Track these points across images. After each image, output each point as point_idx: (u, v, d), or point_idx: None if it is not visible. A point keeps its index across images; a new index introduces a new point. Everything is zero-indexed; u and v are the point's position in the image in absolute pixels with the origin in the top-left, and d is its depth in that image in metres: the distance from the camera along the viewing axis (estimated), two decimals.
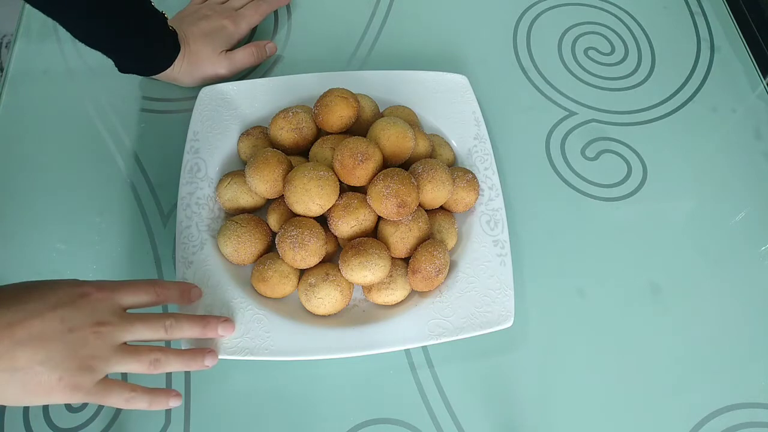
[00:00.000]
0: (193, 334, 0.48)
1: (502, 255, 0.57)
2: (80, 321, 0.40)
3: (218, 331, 0.50)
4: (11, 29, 0.74)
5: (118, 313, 0.43)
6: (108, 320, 0.42)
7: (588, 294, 0.60)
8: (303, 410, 0.53)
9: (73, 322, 0.40)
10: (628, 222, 0.63)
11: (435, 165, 0.57)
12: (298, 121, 0.59)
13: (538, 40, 0.75)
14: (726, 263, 0.62)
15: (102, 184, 0.63)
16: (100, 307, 0.42)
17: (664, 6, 0.78)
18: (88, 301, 0.41)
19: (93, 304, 0.41)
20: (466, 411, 0.54)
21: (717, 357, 0.57)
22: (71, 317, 0.40)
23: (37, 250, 0.59)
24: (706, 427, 0.54)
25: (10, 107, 0.67)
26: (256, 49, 0.69)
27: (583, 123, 0.69)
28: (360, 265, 0.52)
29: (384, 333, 0.53)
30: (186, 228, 0.57)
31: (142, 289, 0.45)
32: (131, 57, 0.62)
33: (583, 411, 0.55)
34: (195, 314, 0.51)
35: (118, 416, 0.53)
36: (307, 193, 0.53)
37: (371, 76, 0.66)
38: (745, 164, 0.68)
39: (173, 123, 0.66)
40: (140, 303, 0.46)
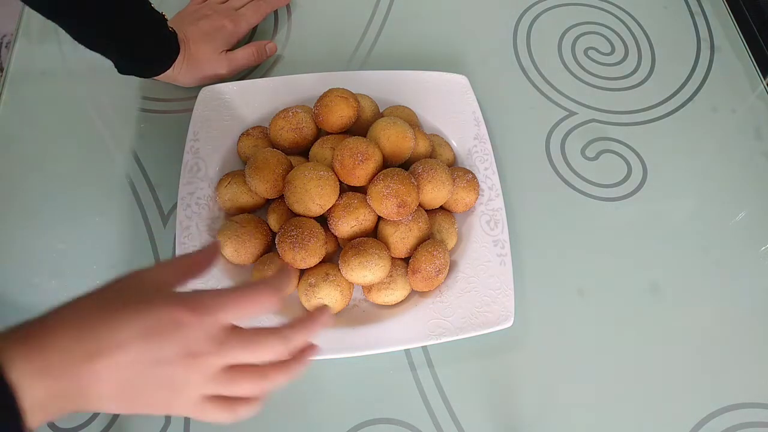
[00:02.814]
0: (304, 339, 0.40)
1: (502, 255, 0.57)
2: (170, 353, 0.34)
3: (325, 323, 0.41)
4: (11, 29, 0.74)
5: (216, 339, 0.36)
6: (202, 350, 0.35)
7: (588, 294, 0.60)
8: (303, 410, 0.53)
9: (161, 354, 0.34)
10: (628, 222, 0.63)
11: (435, 165, 0.57)
12: (298, 121, 0.59)
13: (538, 40, 0.75)
14: (726, 263, 0.62)
15: (102, 184, 0.63)
16: (194, 335, 0.35)
17: (664, 6, 0.78)
18: (180, 330, 0.35)
19: (186, 333, 0.35)
20: (466, 411, 0.54)
21: (717, 357, 0.57)
22: (160, 349, 0.34)
23: (37, 250, 0.59)
24: (706, 427, 0.54)
25: (10, 107, 0.67)
26: (256, 49, 0.69)
27: (583, 123, 0.69)
28: (360, 265, 0.52)
29: (384, 333, 0.53)
30: (186, 228, 0.57)
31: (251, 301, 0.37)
32: (131, 58, 0.62)
33: (582, 411, 0.55)
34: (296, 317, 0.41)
35: (118, 416, 0.53)
36: (307, 193, 0.53)
37: (371, 76, 0.66)
38: (745, 164, 0.68)
39: (173, 123, 0.66)
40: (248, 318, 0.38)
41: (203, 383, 0.36)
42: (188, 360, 0.35)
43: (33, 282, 0.58)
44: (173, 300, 0.35)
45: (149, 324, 0.34)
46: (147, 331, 0.34)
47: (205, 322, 0.35)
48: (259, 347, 0.37)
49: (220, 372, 0.36)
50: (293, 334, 0.38)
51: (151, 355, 0.34)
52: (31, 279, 0.58)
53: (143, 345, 0.34)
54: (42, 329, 0.34)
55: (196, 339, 0.35)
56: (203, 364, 0.36)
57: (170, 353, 0.34)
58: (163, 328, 0.34)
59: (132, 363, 0.34)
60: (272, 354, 0.38)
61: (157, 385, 0.35)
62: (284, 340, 0.38)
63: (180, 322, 0.35)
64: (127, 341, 0.34)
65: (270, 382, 0.38)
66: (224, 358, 0.36)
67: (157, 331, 0.34)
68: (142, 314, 0.34)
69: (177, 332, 0.34)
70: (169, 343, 0.34)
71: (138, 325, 0.34)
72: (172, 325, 0.34)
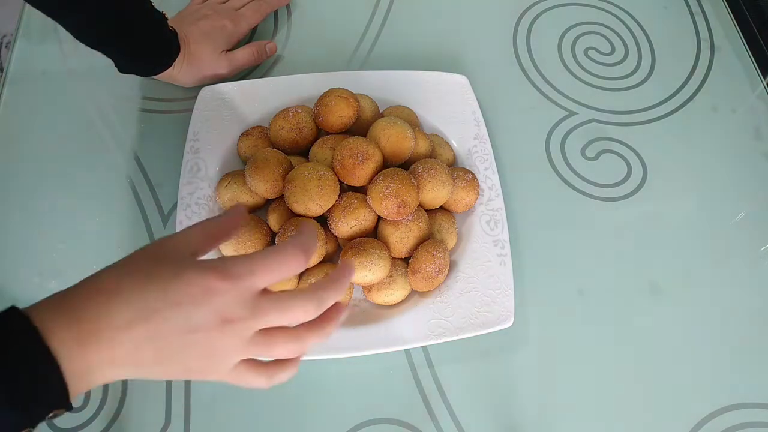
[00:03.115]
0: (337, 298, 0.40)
1: (502, 255, 0.57)
2: (203, 319, 0.35)
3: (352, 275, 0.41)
4: (11, 29, 0.74)
5: (249, 304, 0.36)
6: (236, 315, 0.36)
7: (588, 294, 0.60)
8: (303, 410, 0.53)
9: (196, 321, 0.35)
10: (628, 222, 0.63)
11: (435, 165, 0.57)
12: (298, 121, 0.59)
13: (538, 40, 0.75)
14: (726, 263, 0.62)
15: (102, 184, 0.63)
16: (227, 300, 0.35)
17: (664, 6, 0.78)
18: (212, 297, 0.35)
19: (219, 299, 0.35)
20: (466, 411, 0.54)
21: (717, 357, 0.57)
22: (193, 316, 0.35)
23: (37, 250, 0.59)
24: (706, 427, 0.54)
25: (10, 107, 0.67)
26: (257, 49, 0.69)
27: (583, 123, 0.69)
28: (360, 265, 0.52)
29: (384, 333, 0.53)
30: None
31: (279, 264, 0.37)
32: (131, 57, 0.62)
33: (583, 411, 0.55)
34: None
35: (118, 416, 0.53)
36: (307, 193, 0.53)
37: (371, 76, 0.66)
38: (745, 164, 0.68)
39: (173, 123, 0.66)
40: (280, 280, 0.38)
41: (240, 348, 0.36)
42: (224, 326, 0.35)
43: (33, 281, 0.58)
44: (203, 268, 0.36)
45: (182, 292, 0.35)
46: (181, 299, 0.35)
47: (236, 288, 0.35)
48: (293, 309, 0.37)
49: (256, 335, 0.37)
50: (325, 293, 0.38)
51: (187, 323, 0.35)
52: (31, 278, 0.58)
53: (178, 312, 0.34)
54: (78, 298, 0.34)
55: (229, 305, 0.35)
56: (239, 329, 0.36)
57: (205, 320, 0.35)
58: (195, 295, 0.35)
59: (170, 331, 0.34)
60: (305, 315, 0.38)
61: (196, 352, 0.35)
62: (317, 301, 0.38)
63: (212, 289, 0.35)
64: (162, 309, 0.34)
65: (305, 343, 0.39)
66: (259, 322, 0.36)
67: (190, 300, 0.35)
68: (174, 282, 0.35)
69: (210, 299, 0.35)
70: (204, 310, 0.35)
71: (171, 293, 0.35)
72: (204, 292, 0.35)
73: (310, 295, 0.38)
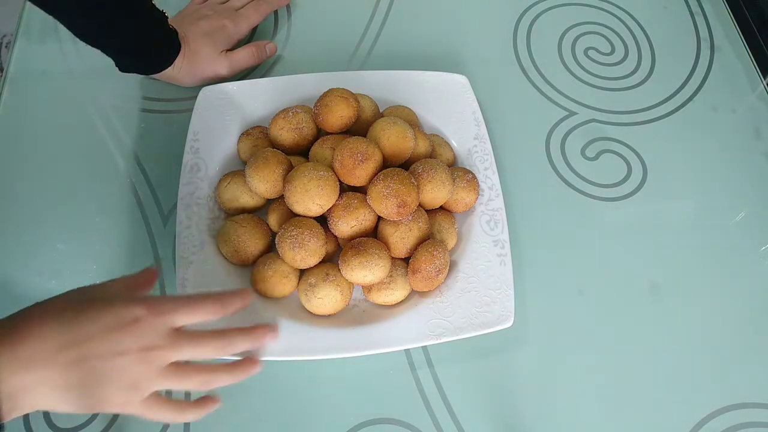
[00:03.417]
0: (244, 348, 0.45)
1: (502, 255, 0.57)
2: (128, 346, 0.40)
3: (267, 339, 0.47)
4: (11, 29, 0.74)
5: (168, 336, 0.41)
6: (156, 344, 0.41)
7: (588, 294, 0.60)
8: (303, 410, 0.53)
9: (122, 346, 0.39)
10: (628, 222, 0.63)
11: (435, 165, 0.57)
12: (298, 121, 0.59)
13: (538, 40, 0.75)
14: (726, 263, 0.62)
15: (102, 184, 0.63)
16: (150, 331, 0.41)
17: (664, 6, 0.78)
18: (138, 326, 0.40)
19: (143, 329, 0.40)
20: (466, 411, 0.54)
21: (717, 357, 0.57)
22: (121, 342, 0.39)
23: (37, 250, 0.59)
24: (706, 427, 0.54)
25: (10, 107, 0.67)
26: (257, 49, 0.69)
27: (583, 123, 0.69)
28: (360, 265, 0.52)
29: (384, 333, 0.53)
30: (186, 228, 0.57)
31: (201, 309, 0.43)
32: (131, 56, 0.62)
33: (583, 411, 0.55)
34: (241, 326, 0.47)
35: (118, 416, 0.53)
36: (307, 193, 0.53)
37: (371, 76, 0.66)
38: (745, 164, 0.68)
39: (173, 123, 0.66)
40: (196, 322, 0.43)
41: (155, 376, 0.41)
42: (143, 353, 0.40)
43: (33, 282, 0.58)
44: (133, 300, 0.41)
45: (113, 320, 0.40)
46: (111, 325, 0.40)
47: (159, 321, 0.41)
48: (204, 343, 0.42)
49: (170, 367, 0.41)
50: (236, 337, 0.44)
51: (113, 347, 0.39)
52: (31, 279, 0.58)
53: (108, 336, 0.39)
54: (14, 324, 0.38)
55: (151, 334, 0.40)
56: (156, 357, 0.41)
57: (129, 345, 0.40)
58: (124, 323, 0.40)
59: (98, 354, 0.39)
60: (215, 351, 0.43)
61: (118, 379, 0.40)
62: (227, 341, 0.43)
63: (138, 319, 0.40)
64: (94, 334, 0.39)
65: (215, 377, 0.43)
66: (175, 353, 0.41)
67: (119, 326, 0.40)
68: (107, 311, 0.40)
69: (135, 327, 0.40)
70: (129, 336, 0.40)
71: (103, 320, 0.40)
72: (131, 321, 0.40)
73: (221, 335, 0.43)
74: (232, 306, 0.45)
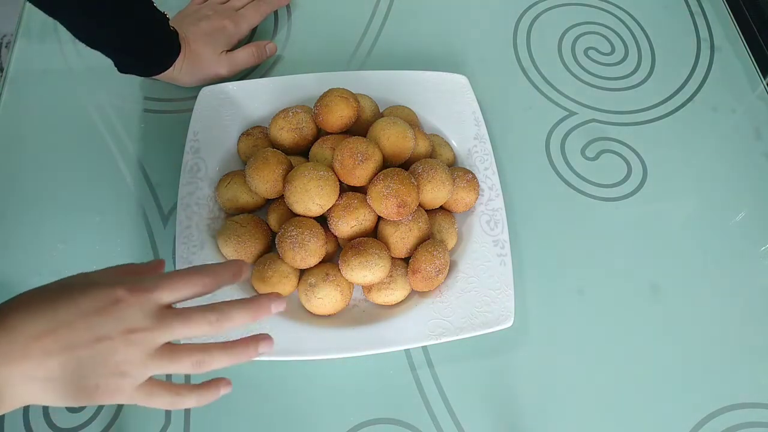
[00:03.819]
0: (245, 320, 0.41)
1: (502, 255, 0.57)
2: (110, 329, 0.37)
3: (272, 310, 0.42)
4: (11, 29, 0.74)
5: (154, 315, 0.38)
6: (141, 326, 0.37)
7: (588, 294, 0.60)
8: (303, 410, 0.53)
9: (103, 330, 0.37)
10: (628, 222, 0.63)
11: (435, 165, 0.57)
12: (298, 121, 0.59)
13: (538, 40, 0.75)
14: (726, 263, 0.62)
15: (102, 184, 0.63)
16: (132, 311, 0.37)
17: (664, 6, 0.78)
18: (119, 308, 0.37)
19: (125, 310, 0.37)
20: (466, 411, 0.54)
21: (717, 357, 0.57)
22: (101, 325, 0.37)
23: (37, 250, 0.59)
24: (706, 427, 0.54)
25: (10, 107, 0.67)
26: (257, 49, 0.69)
27: (583, 123, 0.69)
28: (360, 265, 0.52)
29: (384, 333, 0.53)
30: (186, 228, 0.57)
31: (186, 282, 0.40)
32: (131, 57, 0.62)
33: (583, 411, 0.55)
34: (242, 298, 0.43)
35: (118, 416, 0.53)
36: (307, 193, 0.53)
37: (371, 76, 0.66)
38: (745, 164, 0.68)
39: (173, 123, 0.66)
40: (184, 298, 0.40)
41: (145, 360, 0.38)
42: (128, 336, 0.37)
43: (33, 282, 0.56)
44: (111, 282, 0.38)
45: (91, 303, 0.37)
46: (89, 310, 0.37)
47: (142, 300, 0.38)
48: (195, 319, 0.39)
49: (161, 349, 0.38)
50: (229, 307, 0.40)
51: (94, 332, 0.36)
52: (31, 279, 0.58)
53: (86, 322, 0.36)
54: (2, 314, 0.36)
55: (134, 315, 0.37)
56: (143, 340, 0.37)
57: (111, 329, 0.37)
58: (103, 306, 0.37)
59: (78, 340, 0.36)
60: (209, 326, 0.39)
61: (103, 365, 0.37)
62: (219, 312, 0.39)
63: (118, 300, 0.37)
64: (72, 319, 0.36)
65: (211, 355, 0.39)
66: (163, 333, 0.38)
67: (98, 310, 0.37)
68: (85, 295, 0.37)
69: (116, 310, 0.37)
70: (110, 319, 0.37)
71: (81, 305, 0.37)
72: (111, 303, 0.37)
73: (212, 307, 0.40)
74: (220, 277, 0.41)
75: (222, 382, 0.42)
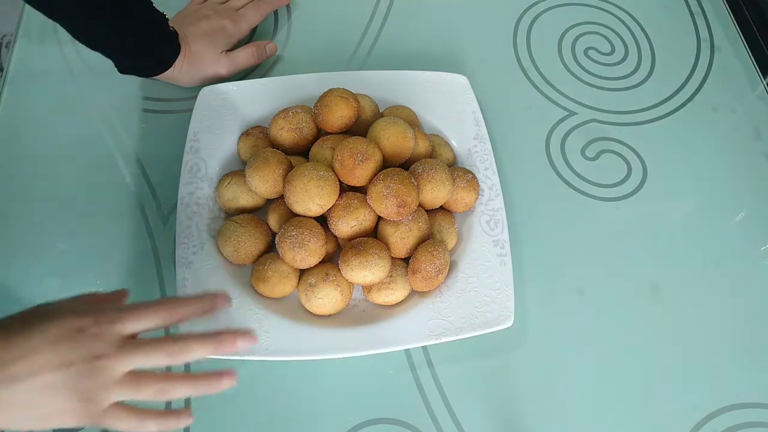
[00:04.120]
0: (204, 354, 0.43)
1: (502, 255, 0.57)
2: (77, 356, 0.39)
3: (237, 345, 0.44)
4: (11, 29, 0.74)
5: (117, 344, 0.41)
6: (105, 353, 0.40)
7: (588, 294, 0.60)
8: (303, 410, 0.53)
9: (70, 357, 0.39)
10: (628, 222, 0.63)
11: (435, 165, 0.57)
12: (298, 121, 0.59)
13: (538, 40, 0.75)
14: (726, 263, 0.62)
15: (102, 184, 0.63)
16: (97, 340, 0.40)
17: (664, 6, 0.78)
18: (84, 336, 0.40)
19: (90, 338, 0.40)
20: (466, 411, 0.54)
21: (717, 357, 0.57)
22: (68, 353, 0.39)
23: (38, 250, 0.59)
24: (706, 427, 0.54)
25: (10, 107, 0.67)
26: (257, 49, 0.69)
27: (583, 123, 0.69)
28: (360, 265, 0.52)
29: (384, 333, 0.53)
30: (186, 228, 0.57)
31: (147, 314, 0.42)
32: (131, 58, 0.62)
33: (583, 411, 0.55)
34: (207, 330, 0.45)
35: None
36: (307, 193, 0.53)
37: (371, 76, 0.66)
38: (745, 164, 0.68)
39: (173, 123, 0.66)
40: (145, 329, 0.42)
41: (110, 386, 0.40)
42: (92, 362, 0.39)
43: (33, 282, 0.58)
44: (78, 311, 0.41)
45: (58, 332, 0.40)
46: (58, 338, 0.39)
47: (106, 330, 0.40)
48: (155, 349, 0.41)
49: (125, 376, 0.41)
50: (189, 339, 0.42)
51: (60, 359, 0.39)
52: (31, 279, 0.58)
53: (53, 349, 0.39)
54: None
55: (98, 343, 0.40)
56: (106, 367, 0.40)
57: (76, 356, 0.39)
58: (69, 335, 0.40)
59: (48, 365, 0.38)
60: (168, 356, 0.41)
61: (71, 390, 0.39)
62: (180, 344, 0.42)
63: (84, 329, 0.40)
64: (39, 346, 0.39)
65: (173, 389, 0.42)
66: (124, 361, 0.40)
67: (64, 338, 0.39)
68: (53, 323, 0.40)
69: (82, 338, 0.40)
70: (76, 347, 0.39)
71: (49, 333, 0.39)
72: (77, 332, 0.40)
73: (174, 338, 0.42)
74: (184, 312, 0.43)
75: (183, 413, 0.44)
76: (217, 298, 0.45)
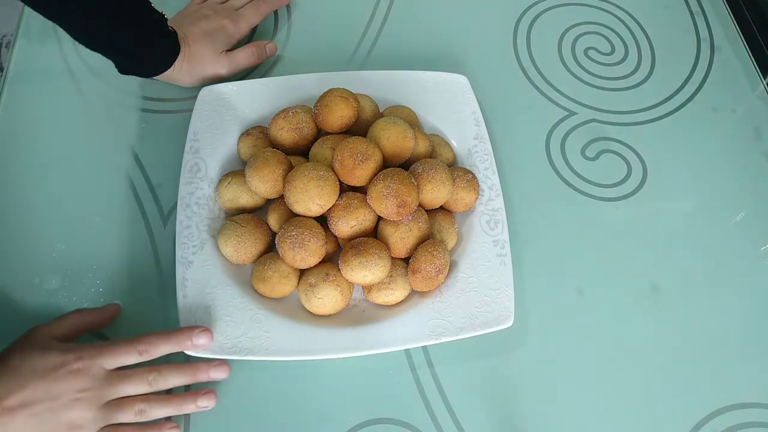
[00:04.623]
0: (181, 382, 0.50)
1: (502, 255, 0.57)
2: (63, 389, 0.45)
3: (210, 375, 0.51)
4: (11, 29, 0.74)
5: (100, 377, 0.47)
6: (89, 386, 0.46)
7: (588, 294, 0.60)
8: (303, 410, 0.53)
9: (57, 390, 0.45)
10: (628, 222, 0.63)
11: (435, 165, 0.57)
12: (298, 121, 0.59)
13: (538, 40, 0.75)
14: (726, 263, 0.62)
15: (102, 184, 0.63)
16: (81, 374, 0.46)
17: (664, 6, 0.78)
18: (68, 371, 0.46)
19: (74, 373, 0.46)
20: (466, 411, 0.54)
21: (717, 357, 0.57)
22: (54, 386, 0.45)
23: (37, 250, 0.59)
24: (706, 427, 0.54)
25: (10, 107, 0.67)
26: (257, 49, 0.69)
27: (583, 123, 0.69)
28: (360, 265, 0.52)
29: (384, 333, 0.53)
30: (186, 228, 0.57)
31: (124, 350, 0.48)
32: (131, 58, 0.62)
33: (582, 411, 0.55)
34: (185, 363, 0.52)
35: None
36: (307, 193, 0.53)
37: (371, 76, 0.66)
38: (745, 164, 0.68)
39: (173, 123, 0.66)
40: (124, 363, 0.48)
41: (95, 414, 0.46)
42: (79, 395, 0.45)
43: (33, 282, 0.58)
44: (64, 350, 0.47)
45: (46, 365, 0.46)
46: (46, 375, 0.45)
47: (88, 367, 0.46)
48: (134, 378, 0.48)
49: (109, 403, 0.47)
50: (166, 369, 0.49)
51: (49, 393, 0.45)
52: (31, 279, 0.58)
53: (42, 384, 0.45)
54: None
55: (83, 377, 0.46)
56: (92, 398, 0.46)
57: (65, 390, 0.45)
58: (56, 371, 0.46)
59: (39, 399, 0.44)
60: (148, 384, 0.48)
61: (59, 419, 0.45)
62: (156, 373, 0.49)
63: (70, 367, 0.46)
64: (29, 381, 0.45)
65: (151, 409, 0.48)
66: (108, 392, 0.47)
67: (52, 374, 0.45)
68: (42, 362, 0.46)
69: (68, 375, 0.46)
70: (63, 383, 0.45)
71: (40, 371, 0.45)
72: (63, 369, 0.46)
73: (151, 369, 0.49)
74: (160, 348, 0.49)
75: (166, 425, 0.49)
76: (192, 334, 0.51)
